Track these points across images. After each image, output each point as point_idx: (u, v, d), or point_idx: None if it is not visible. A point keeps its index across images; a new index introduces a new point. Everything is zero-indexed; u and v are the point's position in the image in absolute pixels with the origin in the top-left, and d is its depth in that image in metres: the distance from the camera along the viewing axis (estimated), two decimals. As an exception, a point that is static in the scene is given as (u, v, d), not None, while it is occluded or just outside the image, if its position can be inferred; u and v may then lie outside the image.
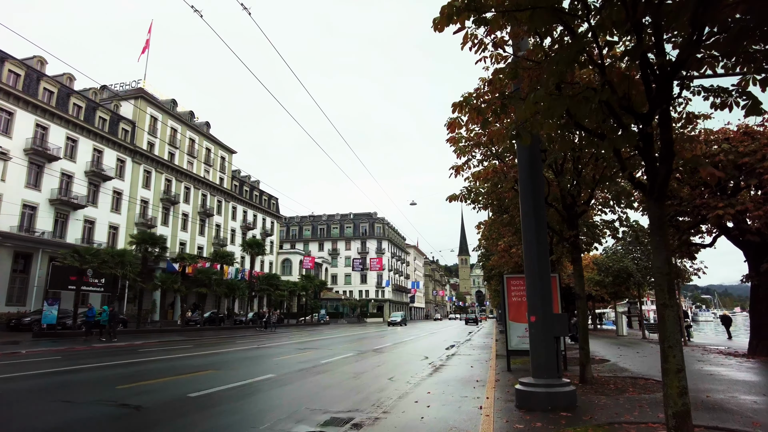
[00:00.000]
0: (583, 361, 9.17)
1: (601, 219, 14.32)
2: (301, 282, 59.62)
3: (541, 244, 7.17)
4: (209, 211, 57.79)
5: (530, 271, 7.19)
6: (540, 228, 7.21)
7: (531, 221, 7.23)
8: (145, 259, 33.88)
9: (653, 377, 9.96)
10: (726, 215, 12.96)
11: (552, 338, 6.91)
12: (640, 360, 13.84)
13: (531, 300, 7.18)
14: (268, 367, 13.25)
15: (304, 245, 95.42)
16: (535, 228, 7.18)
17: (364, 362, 14.75)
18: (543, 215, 7.34)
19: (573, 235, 9.50)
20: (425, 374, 11.45)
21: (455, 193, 10.44)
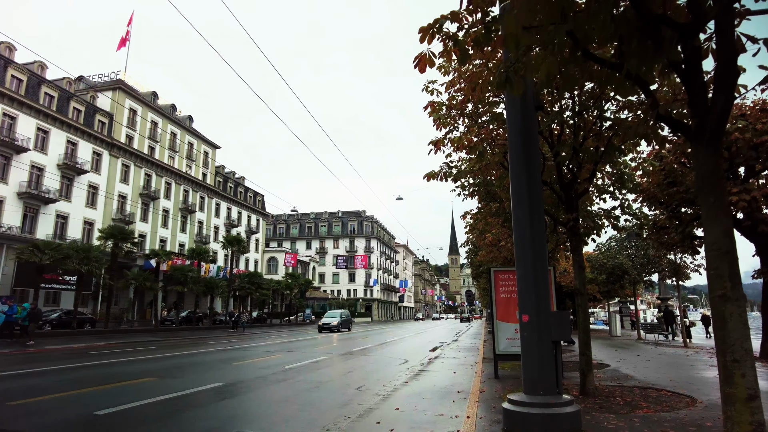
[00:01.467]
0: (585, 370, 7.65)
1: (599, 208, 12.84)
2: (285, 281, 57.79)
3: (536, 225, 5.61)
4: (191, 207, 55.88)
5: (522, 258, 5.63)
6: (535, 202, 5.65)
7: (523, 194, 5.66)
8: (115, 255, 31.99)
9: (665, 387, 8.45)
10: (740, 202, 11.51)
11: (549, 343, 5.36)
12: (644, 365, 12.36)
13: (523, 295, 5.61)
14: (221, 373, 11.60)
15: (291, 243, 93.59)
16: (529, 203, 5.62)
17: (335, 367, 13.16)
18: (539, 187, 5.78)
19: (572, 219, 7.97)
20: (400, 382, 9.87)
21: (434, 170, 8.87)
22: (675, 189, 13.56)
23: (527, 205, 5.63)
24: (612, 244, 27.71)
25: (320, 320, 39.03)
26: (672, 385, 8.71)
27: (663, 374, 10.35)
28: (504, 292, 10.58)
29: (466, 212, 14.94)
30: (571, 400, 5.32)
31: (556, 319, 5.48)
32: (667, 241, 16.78)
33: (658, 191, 14.04)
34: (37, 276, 27.19)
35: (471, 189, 13.63)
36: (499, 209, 13.46)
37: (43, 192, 37.46)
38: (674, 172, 13.72)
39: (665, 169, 13.69)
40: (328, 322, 36.88)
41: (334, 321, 37.16)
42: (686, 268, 20.68)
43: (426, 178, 8.86)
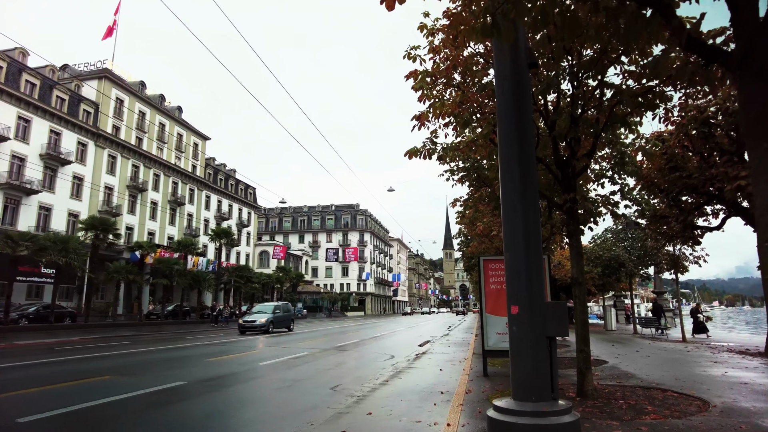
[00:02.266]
0: (583, 368, 6.80)
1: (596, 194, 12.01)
2: (276, 274, 56.83)
3: (528, 199, 4.71)
4: (180, 199, 54.75)
5: (512, 237, 4.73)
6: (527, 171, 4.75)
7: (513, 161, 4.75)
8: (96, 247, 30.92)
9: (671, 387, 7.63)
10: (749, 186, 10.67)
11: (543, 339, 4.49)
12: (644, 361, 11.56)
13: (513, 282, 4.72)
14: (188, 371, 10.70)
15: (284, 237, 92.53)
16: (520, 171, 4.73)
17: (315, 363, 12.29)
18: (532, 153, 4.87)
19: (569, 200, 7.10)
20: (380, 381, 9.02)
21: (416, 147, 7.97)
22: (677, 174, 12.74)
23: (518, 174, 4.74)
24: (608, 236, 26.96)
25: (243, 317, 27.52)
26: (678, 384, 7.90)
27: (666, 372, 9.54)
28: (494, 283, 9.74)
29: (455, 199, 14.07)
30: (568, 407, 4.47)
31: (552, 311, 4.60)
32: (667, 232, 16.00)
33: (659, 177, 13.23)
34: (11, 268, 26.12)
35: (461, 174, 12.78)
36: (491, 195, 12.61)
37: (24, 183, 36.32)
38: (676, 157, 12.92)
39: (667, 153, 12.86)
40: (253, 321, 25.33)
41: (261, 318, 25.36)
42: (685, 260, 19.93)
43: (407, 156, 7.95)
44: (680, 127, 11.79)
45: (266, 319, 25.44)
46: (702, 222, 15.73)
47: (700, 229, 15.43)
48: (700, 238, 16.02)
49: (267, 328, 24.87)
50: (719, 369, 9.95)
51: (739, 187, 10.84)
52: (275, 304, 28.96)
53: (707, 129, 12.13)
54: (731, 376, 8.94)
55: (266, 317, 25.66)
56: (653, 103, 6.81)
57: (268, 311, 26.99)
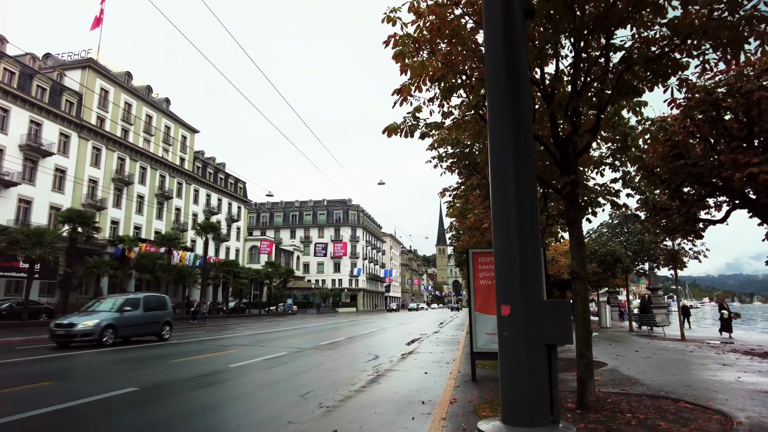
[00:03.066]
0: (584, 376, 5.89)
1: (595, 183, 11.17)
2: (265, 269, 55.72)
3: (524, 175, 3.76)
4: (168, 193, 53.48)
5: (503, 221, 3.79)
6: (522, 140, 3.81)
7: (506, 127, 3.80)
8: (73, 241, 29.74)
9: (683, 396, 6.74)
10: (762, 174, 9.79)
11: (541, 348, 3.57)
12: (646, 363, 10.70)
13: (504, 276, 3.77)
14: (146, 375, 9.71)
15: (275, 232, 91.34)
16: (514, 138, 3.78)
17: (291, 365, 11.34)
18: (527, 114, 3.91)
19: (569, 182, 6.17)
20: (357, 387, 8.10)
21: (395, 123, 7.00)
22: (682, 162, 11.84)
23: (512, 144, 3.79)
24: (603, 230, 26.16)
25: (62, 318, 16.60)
26: (690, 393, 7.01)
27: (673, 376, 8.67)
28: (484, 278, 8.83)
29: (444, 189, 13.13)
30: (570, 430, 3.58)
31: (553, 312, 3.65)
32: (667, 225, 15.15)
33: (662, 165, 12.35)
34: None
35: (449, 161, 11.84)
36: (482, 183, 11.70)
37: (2, 174, 35.05)
38: (680, 143, 12.05)
39: (670, 140, 11.98)
40: (72, 324, 14.93)
41: (89, 321, 15.24)
42: (684, 255, 19.12)
43: (386, 133, 6.97)
44: (686, 110, 10.90)
45: (97, 322, 15.23)
46: (704, 215, 14.92)
47: (702, 222, 14.57)
48: (702, 231, 15.18)
49: (100, 338, 15.00)
50: (730, 373, 9.10)
51: (750, 175, 9.95)
52: (127, 298, 17.64)
53: (715, 113, 11.23)
54: (747, 382, 8.08)
55: (100, 319, 15.44)
56: (666, 72, 5.91)
57: (104, 311, 16.11)
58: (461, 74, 5.91)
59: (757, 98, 9.84)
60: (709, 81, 11.07)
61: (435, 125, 7.15)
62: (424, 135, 7.18)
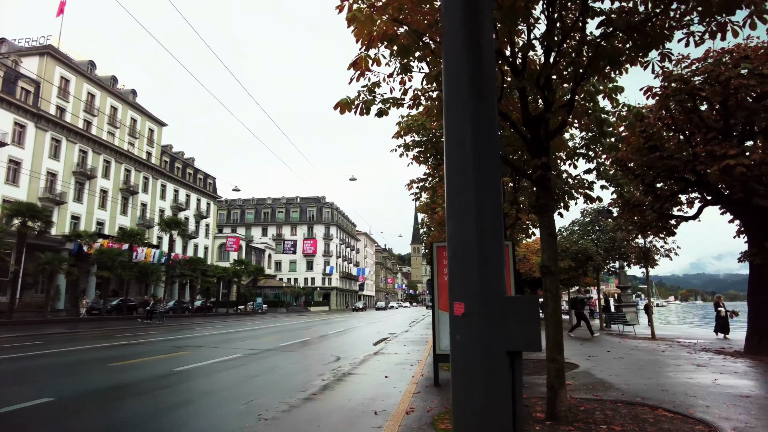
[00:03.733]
0: (555, 383, 5.23)
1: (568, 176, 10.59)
2: (233, 267, 54.20)
3: (483, 145, 3.00)
4: (133, 188, 51.57)
5: (457, 204, 3.01)
6: (483, 108, 3.05)
7: (463, 92, 3.03)
8: (23, 235, 28.02)
9: (661, 403, 6.15)
10: (738, 166, 9.38)
11: (502, 356, 2.83)
12: (619, 365, 10.18)
13: (457, 267, 3.01)
14: (72, 382, 8.70)
15: (246, 230, 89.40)
16: (472, 97, 3.02)
17: (243, 369, 10.45)
18: (491, 82, 3.17)
19: (540, 166, 5.49)
20: (308, 394, 7.30)
21: (348, 98, 6.22)
22: (657, 155, 11.41)
23: (468, 104, 3.04)
24: (575, 228, 25.91)
25: None
26: (668, 398, 6.44)
27: (648, 379, 8.13)
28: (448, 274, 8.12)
29: (411, 180, 12.40)
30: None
31: (518, 312, 2.91)
32: (640, 221, 14.81)
33: (637, 158, 11.92)
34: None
35: (416, 150, 11.13)
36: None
37: (-52, 165, 33.01)
38: (656, 135, 11.62)
39: (646, 132, 11.54)
40: None
41: None
42: (656, 252, 18.90)
43: (339, 110, 6.18)
44: (663, 100, 10.46)
45: None
46: (677, 211, 14.62)
47: (675, 218, 14.26)
48: (674, 228, 14.88)
49: None
50: (706, 374, 8.62)
51: (726, 167, 9.54)
52: None
53: (692, 103, 10.82)
54: (725, 385, 7.58)
55: None
56: (648, 43, 5.29)
57: None
58: (418, 35, 5.15)
59: (734, 86, 9.42)
60: (686, 70, 10.67)
61: (393, 101, 6.38)
62: (382, 112, 6.40)
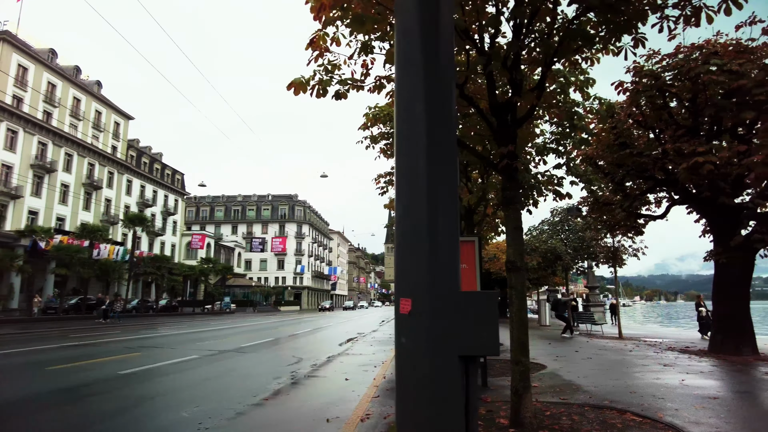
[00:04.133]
0: (519, 388, 4.86)
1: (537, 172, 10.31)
2: (200, 266, 52.82)
3: (435, 107, 2.57)
4: (97, 183, 49.64)
5: (407, 184, 2.57)
6: (438, 89, 2.59)
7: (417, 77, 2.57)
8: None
9: (629, 406, 5.86)
10: (706, 164, 9.26)
11: (454, 363, 2.39)
12: (587, 365, 9.96)
13: (403, 260, 2.56)
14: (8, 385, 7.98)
15: (215, 227, 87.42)
16: (426, 92, 2.55)
17: (195, 372, 9.82)
18: (448, 61, 2.72)
19: (507, 154, 5.12)
20: (258, 400, 6.78)
21: (302, 77, 5.72)
22: (627, 152, 11.26)
23: (421, 84, 2.59)
24: (545, 227, 25.96)
25: None
26: (636, 401, 6.17)
27: (616, 380, 7.89)
28: (413, 271, 7.71)
29: (379, 175, 11.96)
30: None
31: (473, 310, 2.49)
32: (609, 221, 14.74)
33: (607, 155, 11.77)
34: None
35: (383, 142, 10.71)
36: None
37: None
38: (626, 132, 11.49)
39: (616, 128, 11.40)
40: None
41: None
42: (624, 252, 18.94)
43: (293, 90, 5.68)
44: (634, 95, 10.29)
45: None
46: (645, 211, 14.60)
47: (644, 217, 14.23)
48: (643, 228, 14.86)
49: None
50: (673, 375, 8.43)
51: (695, 165, 9.42)
52: None
53: (662, 99, 10.70)
54: (692, 386, 7.37)
55: None
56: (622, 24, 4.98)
57: None
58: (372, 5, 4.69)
59: (704, 82, 9.30)
60: (657, 65, 10.55)
61: (353, 82, 5.91)
62: (340, 95, 5.92)
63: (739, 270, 11.55)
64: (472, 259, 7.68)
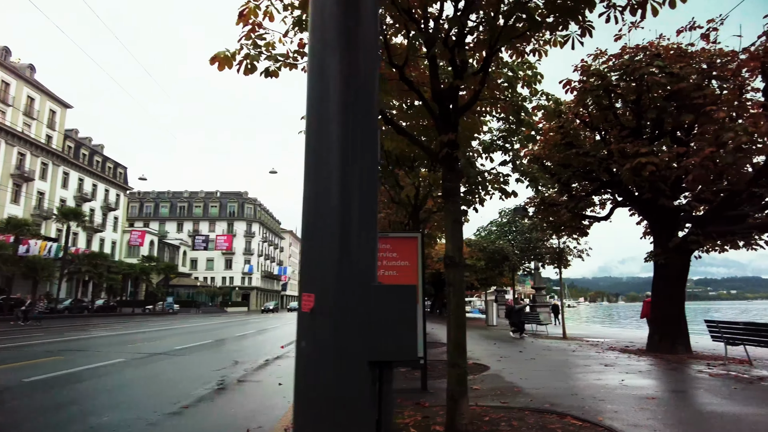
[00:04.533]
0: (455, 393, 4.51)
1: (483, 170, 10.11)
2: (141, 264, 50.39)
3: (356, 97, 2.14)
4: (28, 174, 46.42)
5: (316, 162, 2.14)
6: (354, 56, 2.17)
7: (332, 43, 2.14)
8: None
9: (569, 409, 5.65)
10: (649, 165, 9.34)
11: (364, 369, 1.97)
12: (530, 366, 9.84)
13: (309, 250, 2.11)
14: None
15: (159, 224, 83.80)
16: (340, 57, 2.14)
17: (117, 377, 8.98)
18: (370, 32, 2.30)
19: (447, 143, 4.78)
20: (176, 409, 6.15)
21: (227, 51, 5.14)
22: (573, 151, 11.29)
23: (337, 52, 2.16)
24: (492, 228, 26.18)
25: None
26: (577, 404, 5.98)
27: (559, 382, 7.75)
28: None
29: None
30: None
31: (387, 306, 2.08)
32: (555, 221, 14.87)
33: (553, 154, 11.78)
34: None
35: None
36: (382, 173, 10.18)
37: None
38: (572, 132, 11.53)
39: (563, 128, 11.41)
40: None
41: None
42: (569, 253, 19.28)
43: (217, 65, 5.11)
44: (581, 94, 10.31)
45: None
46: (590, 212, 14.82)
47: (588, 219, 14.42)
48: (587, 229, 15.08)
49: None
50: (614, 375, 8.40)
51: (638, 165, 9.49)
52: None
53: (608, 100, 10.78)
54: (631, 386, 7.31)
55: None
56: (571, 7, 4.74)
57: None
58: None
59: (648, 82, 9.37)
60: (604, 65, 10.61)
61: (284, 59, 5.41)
62: (270, 73, 5.40)
63: (676, 271, 11.81)
64: (414, 256, 7.33)
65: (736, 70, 9.69)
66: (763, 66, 9.39)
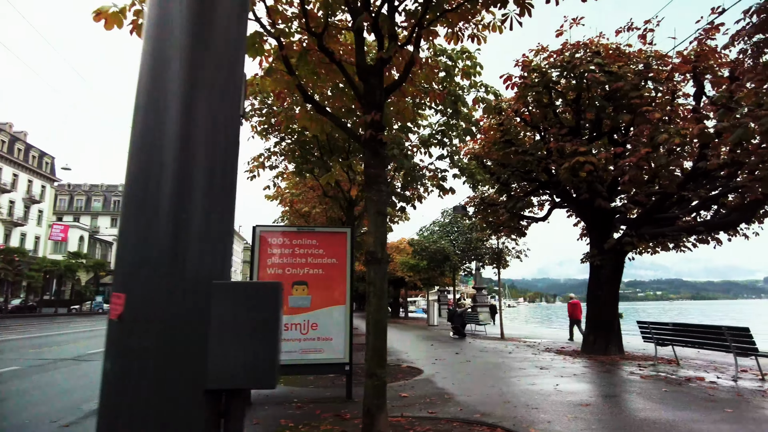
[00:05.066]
0: (372, 407, 3.97)
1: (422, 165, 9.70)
2: (66, 261, 47.03)
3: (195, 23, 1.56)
4: (-64, 162, 42.23)
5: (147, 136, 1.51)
6: None
7: None
8: None
9: (501, 419, 5.25)
10: (587, 164, 9.24)
11: (199, 400, 1.36)
12: (465, 370, 9.49)
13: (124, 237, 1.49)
14: None
15: (91, 219, 78.82)
16: None
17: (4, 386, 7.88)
18: None
19: (370, 124, 4.25)
20: (54, 428, 5.29)
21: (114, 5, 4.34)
22: (512, 149, 11.10)
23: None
24: (435, 228, 26.06)
25: None
26: (509, 413, 5.60)
27: (491, 387, 7.39)
28: (273, 266, 6.63)
29: (254, 158, 10.59)
30: None
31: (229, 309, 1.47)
32: (494, 221, 14.74)
33: (493, 152, 11.55)
34: None
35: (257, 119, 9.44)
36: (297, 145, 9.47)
37: None
38: (512, 130, 11.34)
39: (503, 125, 11.20)
40: None
41: None
42: (507, 254, 19.32)
43: (104, 22, 4.33)
44: (522, 90, 10.10)
45: None
46: (528, 213, 14.80)
47: (526, 219, 14.37)
48: (525, 229, 15.04)
49: None
50: (549, 379, 8.16)
51: (577, 164, 9.36)
52: None
53: (548, 98, 10.64)
54: (566, 391, 7.05)
55: None
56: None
57: None
58: None
59: (588, 80, 9.26)
60: (545, 61, 10.47)
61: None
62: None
63: (610, 272, 11.88)
64: (342, 253, 6.77)
65: (670, 73, 9.79)
66: (694, 70, 9.52)
